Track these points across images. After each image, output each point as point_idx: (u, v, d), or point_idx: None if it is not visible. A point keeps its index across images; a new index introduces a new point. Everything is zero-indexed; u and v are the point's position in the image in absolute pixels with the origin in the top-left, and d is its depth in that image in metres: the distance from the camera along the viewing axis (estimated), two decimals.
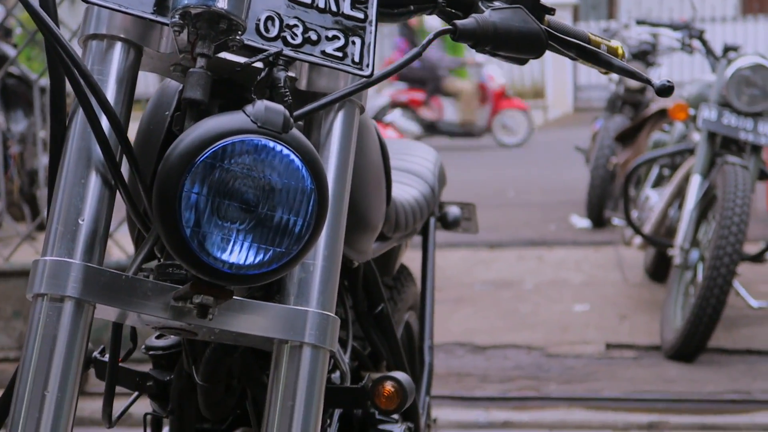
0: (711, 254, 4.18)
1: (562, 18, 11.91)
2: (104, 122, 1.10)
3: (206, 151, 1.01)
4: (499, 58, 1.29)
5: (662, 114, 5.71)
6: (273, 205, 1.03)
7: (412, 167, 2.08)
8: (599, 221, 7.22)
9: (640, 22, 5.13)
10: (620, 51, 1.36)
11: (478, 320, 5.19)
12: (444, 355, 4.61)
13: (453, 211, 2.23)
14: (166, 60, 1.19)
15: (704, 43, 4.93)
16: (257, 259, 1.04)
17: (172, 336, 1.43)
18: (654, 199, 5.16)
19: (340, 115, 1.21)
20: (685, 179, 4.78)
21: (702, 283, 4.20)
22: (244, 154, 1.02)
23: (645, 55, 7.28)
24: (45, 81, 4.72)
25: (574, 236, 7.15)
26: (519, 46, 1.26)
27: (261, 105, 1.05)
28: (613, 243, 6.78)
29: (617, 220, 5.65)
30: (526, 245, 6.95)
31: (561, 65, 16.91)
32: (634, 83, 7.25)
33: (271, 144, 1.02)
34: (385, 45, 14.95)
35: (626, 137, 5.90)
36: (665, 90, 1.28)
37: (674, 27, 5.00)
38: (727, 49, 4.74)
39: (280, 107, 1.04)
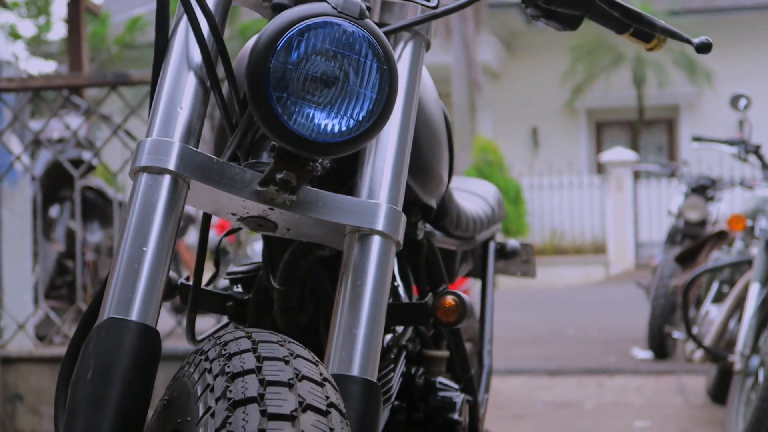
0: None
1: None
2: (204, 28, 1.26)
3: (293, 28, 1.16)
4: (548, 21, 1.42)
5: (721, 235, 5.78)
6: (350, 81, 1.17)
7: (474, 190, 2.22)
8: (661, 352, 7.19)
9: (696, 139, 5.26)
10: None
11: None
12: None
13: (512, 243, 2.34)
14: None
15: (760, 157, 5.04)
16: (336, 129, 1.18)
17: (251, 264, 1.56)
18: (714, 313, 5.19)
19: (408, 46, 1.36)
20: (745, 289, 4.81)
21: (763, 384, 4.18)
22: (325, 33, 1.16)
23: (704, 189, 7.39)
24: (122, 196, 4.96)
25: (635, 365, 7.13)
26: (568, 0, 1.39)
27: None
28: (676, 372, 6.75)
29: (677, 334, 5.65)
30: (586, 373, 6.94)
31: (622, 220, 17.03)
32: (693, 216, 7.34)
33: (350, 27, 1.17)
34: None
35: (686, 258, 5.95)
36: (704, 47, 1.40)
37: (730, 143, 5.13)
38: None
39: (358, 0, 1.19)
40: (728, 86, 5.33)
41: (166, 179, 1.22)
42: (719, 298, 5.35)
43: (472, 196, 2.15)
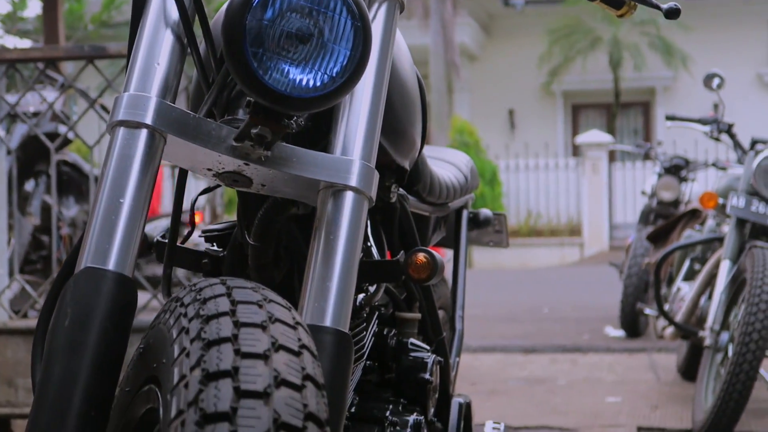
0: (740, 331, 4.24)
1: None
2: None
3: None
4: None
5: (694, 214, 5.84)
6: (324, 37, 1.20)
7: (448, 158, 2.25)
8: (633, 330, 7.27)
9: (669, 118, 5.31)
10: None
11: (511, 408, 5.22)
12: None
13: (485, 212, 2.37)
14: None
15: (732, 136, 5.10)
16: (311, 84, 1.20)
17: (224, 224, 1.59)
18: (685, 290, 5.25)
19: (383, 7, 1.39)
20: (716, 267, 4.87)
21: (731, 359, 4.25)
22: None
23: (678, 169, 7.46)
24: (98, 171, 4.95)
25: (608, 343, 7.20)
26: None
27: None
28: (647, 350, 6.83)
29: (649, 311, 5.71)
30: (560, 351, 7.00)
31: (597, 202, 17.13)
32: (666, 196, 7.41)
33: None
34: None
35: (659, 237, 6.01)
36: (673, 12, 1.43)
37: (703, 122, 5.18)
38: (755, 142, 4.90)
39: None
40: (704, 70, 5.41)
41: (143, 133, 1.25)
42: (691, 275, 5.42)
43: (445, 164, 2.18)
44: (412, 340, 1.76)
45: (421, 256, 1.44)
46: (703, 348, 4.73)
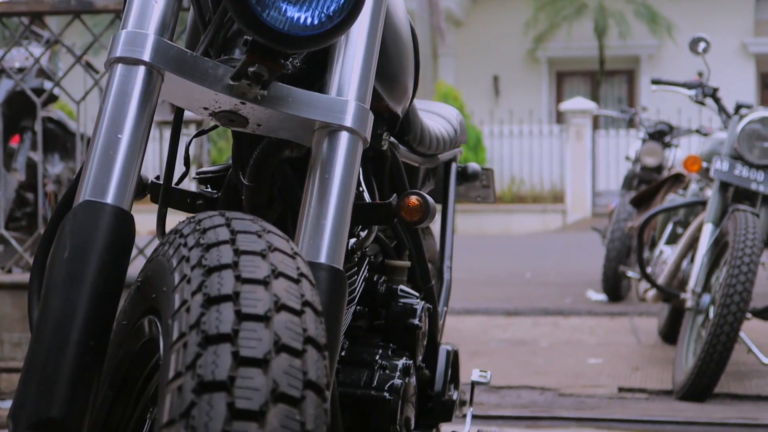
0: (721, 293, 4.29)
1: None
2: None
3: None
4: None
5: (677, 178, 5.88)
6: None
7: (438, 111, 2.26)
8: (615, 295, 7.32)
9: (655, 82, 5.33)
10: None
11: (493, 369, 5.20)
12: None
13: (473, 166, 2.38)
14: None
15: (717, 100, 5.13)
16: (309, 22, 1.21)
17: (218, 168, 1.60)
18: (667, 253, 5.29)
19: None
20: (698, 230, 4.91)
21: (712, 321, 4.30)
22: None
23: (662, 135, 7.49)
24: (83, 129, 4.94)
25: (590, 307, 7.25)
26: None
27: None
28: (629, 314, 6.89)
29: (632, 273, 5.76)
30: (542, 314, 7.05)
31: (580, 169, 17.18)
32: (650, 162, 7.44)
33: None
34: None
35: (642, 201, 6.05)
36: None
37: (688, 86, 5.20)
38: (739, 107, 4.93)
39: None
40: (689, 38, 5.44)
41: (141, 70, 1.26)
42: (673, 239, 5.46)
43: (435, 116, 2.19)
44: (401, 287, 1.78)
45: (413, 199, 1.45)
46: (685, 310, 4.77)
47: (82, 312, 1.13)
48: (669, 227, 5.51)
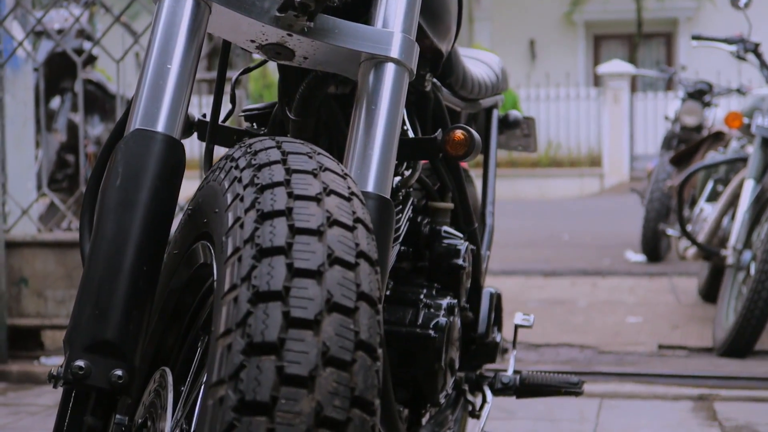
0: (762, 249, 4.26)
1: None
2: None
3: None
4: None
5: (718, 136, 5.83)
6: None
7: (478, 57, 2.25)
8: (654, 255, 7.28)
9: (695, 38, 5.27)
10: None
11: (530, 329, 5.27)
12: None
13: (514, 113, 2.38)
14: None
15: (759, 56, 5.07)
16: None
17: (264, 106, 1.61)
18: (708, 211, 5.26)
19: None
20: (739, 187, 4.87)
21: (753, 277, 4.27)
22: None
23: (702, 95, 7.42)
24: (123, 90, 4.97)
25: (628, 268, 7.23)
26: None
27: None
28: (668, 274, 6.86)
29: (671, 231, 5.73)
30: (580, 274, 7.04)
31: (618, 133, 17.07)
32: (690, 121, 7.38)
33: None
34: None
35: (682, 160, 6.00)
36: None
37: (729, 41, 5.15)
38: None
39: None
40: None
41: (189, 2, 1.26)
42: (713, 197, 5.42)
43: (477, 61, 2.18)
44: (445, 228, 1.78)
45: (458, 133, 1.45)
46: (725, 268, 4.75)
47: (135, 237, 1.15)
48: (709, 185, 5.47)
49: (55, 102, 5.74)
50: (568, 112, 17.98)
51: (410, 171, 1.56)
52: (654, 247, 7.27)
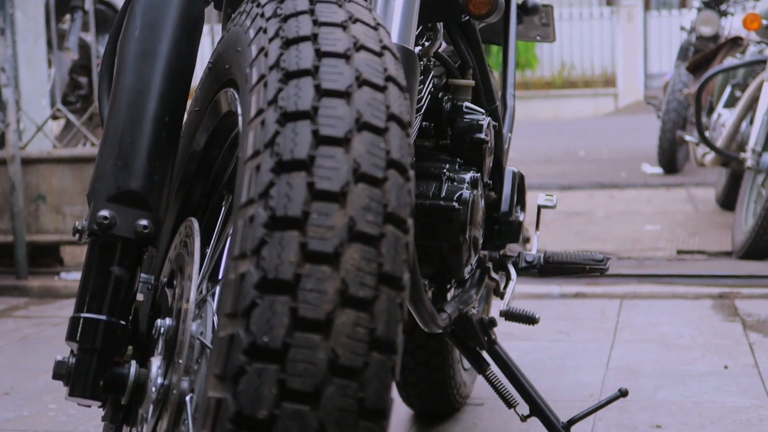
0: None
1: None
2: None
3: None
4: None
5: (735, 41, 5.75)
6: None
7: None
8: (671, 167, 7.25)
9: None
10: None
11: (549, 237, 5.26)
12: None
13: (533, 0, 2.33)
14: None
15: None
16: None
17: None
18: (726, 116, 5.21)
19: None
20: (758, 90, 4.82)
21: None
22: None
23: (718, 3, 7.31)
24: None
25: (645, 180, 7.20)
26: None
27: None
28: (685, 185, 6.83)
29: (689, 137, 5.69)
30: (597, 187, 7.02)
31: (632, 52, 16.90)
32: (706, 31, 7.29)
33: None
34: None
35: (699, 67, 5.93)
36: None
37: None
38: None
39: None
40: None
41: None
42: (731, 103, 5.37)
43: None
44: (467, 103, 1.75)
45: None
46: (744, 171, 4.72)
47: (157, 87, 1.13)
48: (727, 90, 5.41)
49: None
50: (581, 32, 17.79)
51: (430, 41, 1.54)
52: (671, 159, 7.23)
